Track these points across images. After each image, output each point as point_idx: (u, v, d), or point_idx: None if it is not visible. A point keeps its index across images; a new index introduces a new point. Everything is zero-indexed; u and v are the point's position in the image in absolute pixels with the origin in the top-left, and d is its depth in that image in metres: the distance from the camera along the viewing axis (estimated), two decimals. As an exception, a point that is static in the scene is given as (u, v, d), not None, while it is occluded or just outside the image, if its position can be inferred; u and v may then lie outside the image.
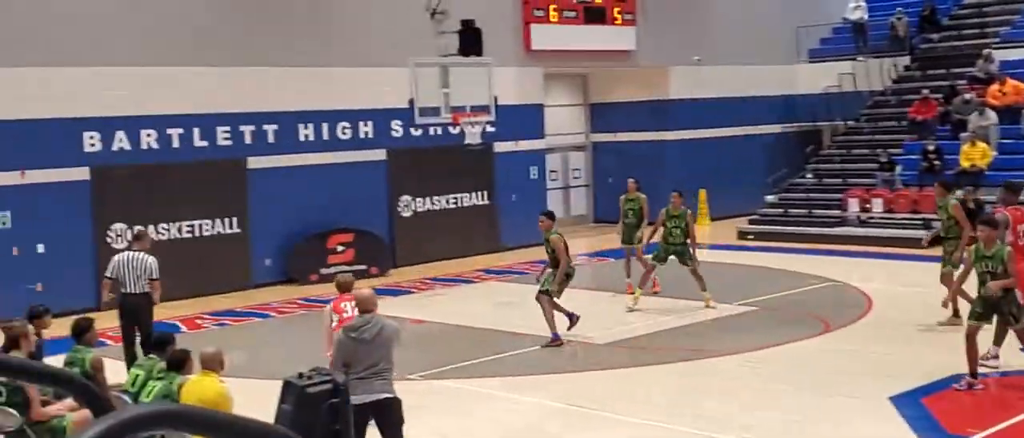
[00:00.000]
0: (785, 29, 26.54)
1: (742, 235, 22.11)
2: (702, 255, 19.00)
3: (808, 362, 11.63)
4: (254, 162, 18.25)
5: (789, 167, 24.28)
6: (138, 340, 11.34)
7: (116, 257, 11.91)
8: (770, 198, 23.27)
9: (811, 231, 21.13)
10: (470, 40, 15.31)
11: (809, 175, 23.45)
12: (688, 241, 14.64)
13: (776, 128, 26.03)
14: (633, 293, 14.95)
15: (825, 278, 16.58)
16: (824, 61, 26.40)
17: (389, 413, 7.74)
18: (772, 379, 10.88)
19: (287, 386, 6.35)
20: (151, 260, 11.55)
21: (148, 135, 17.12)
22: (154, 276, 11.48)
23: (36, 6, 15.91)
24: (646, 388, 10.75)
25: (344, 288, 9.88)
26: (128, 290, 11.51)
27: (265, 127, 18.43)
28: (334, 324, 9.37)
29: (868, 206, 21.14)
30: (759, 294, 15.51)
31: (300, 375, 6.40)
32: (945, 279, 12.56)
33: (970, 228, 11.79)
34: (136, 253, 11.64)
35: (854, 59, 25.45)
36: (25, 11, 15.82)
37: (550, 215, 13.35)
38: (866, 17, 25.86)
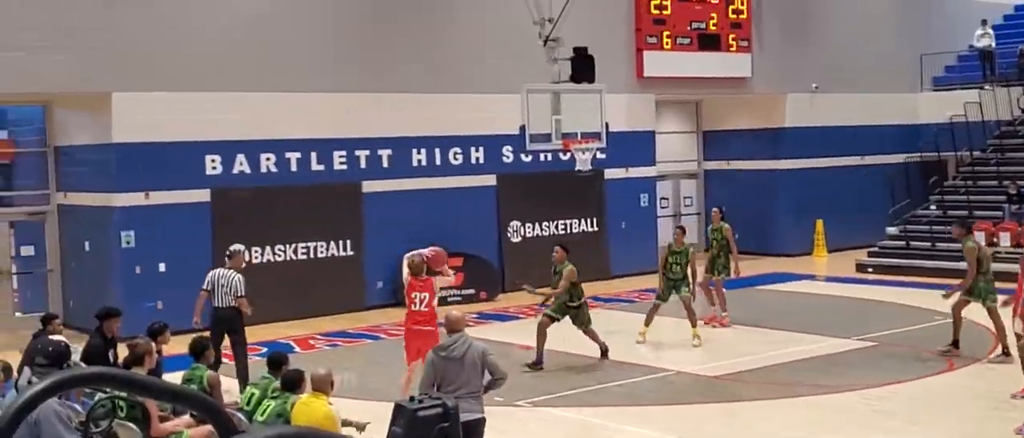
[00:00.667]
0: (908, 56, 25.79)
1: (861, 267, 21.45)
2: (820, 287, 18.51)
3: (931, 401, 11.17)
4: (368, 186, 18.55)
5: (911, 198, 23.49)
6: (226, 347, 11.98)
7: (211, 272, 12.46)
8: (891, 230, 22.54)
9: (934, 265, 20.36)
10: (582, 67, 15.27)
11: (933, 206, 22.65)
12: (687, 274, 14.65)
13: (898, 158, 25.25)
14: (705, 324, 14.93)
15: (949, 314, 15.94)
16: (949, 89, 25.53)
17: (477, 434, 7.77)
18: (891, 417, 10.49)
19: (399, 409, 6.42)
20: (237, 278, 12.10)
21: (267, 159, 17.57)
22: (240, 293, 12.04)
23: (162, 33, 16.52)
24: (757, 423, 10.47)
25: (416, 270, 10.93)
26: (217, 304, 12.13)
27: (380, 152, 18.73)
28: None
29: (995, 240, 20.28)
30: (878, 329, 15.01)
31: (412, 399, 6.47)
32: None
33: None
34: (227, 270, 12.22)
35: (980, 88, 24.54)
36: (151, 38, 16.43)
37: (565, 248, 13.91)
38: (994, 45, 24.96)
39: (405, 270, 11.48)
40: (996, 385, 11.71)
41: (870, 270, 21.05)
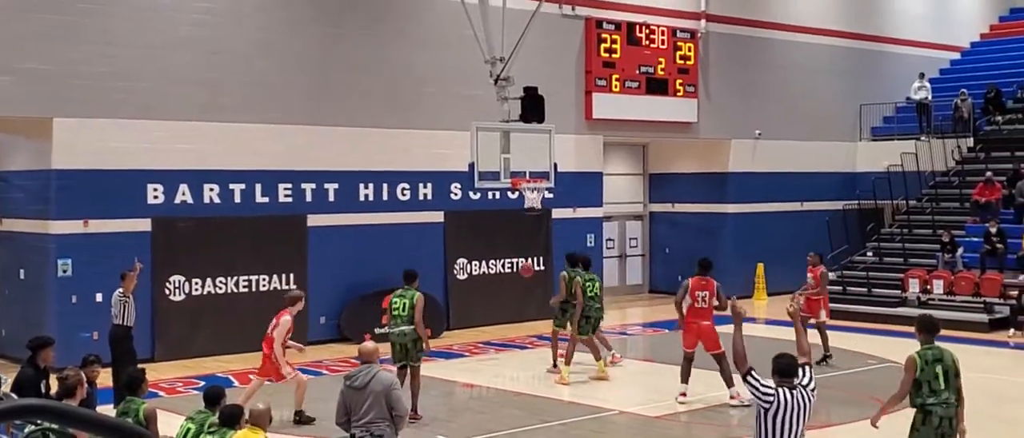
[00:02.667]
0: (848, 107, 26.39)
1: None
2: (759, 330, 18.76)
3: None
4: (314, 219, 18.45)
5: (849, 244, 23.95)
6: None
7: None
8: (830, 275, 22.89)
9: (870, 310, 20.75)
10: (532, 106, 15.42)
11: (869, 253, 23.10)
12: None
13: (837, 205, 25.75)
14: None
15: (884, 359, 16.23)
16: (887, 139, 26.15)
17: None
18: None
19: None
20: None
21: (210, 189, 17.42)
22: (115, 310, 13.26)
23: (104, 61, 16.35)
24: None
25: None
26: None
27: (326, 185, 18.66)
28: None
29: (929, 287, 20.74)
30: (817, 373, 15.17)
31: (353, 436, 6.43)
32: None
33: None
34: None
35: (917, 139, 25.18)
36: (93, 65, 16.26)
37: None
38: (930, 97, 25.64)
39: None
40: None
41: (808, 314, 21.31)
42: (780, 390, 7.00)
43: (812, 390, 7.18)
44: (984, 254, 20.54)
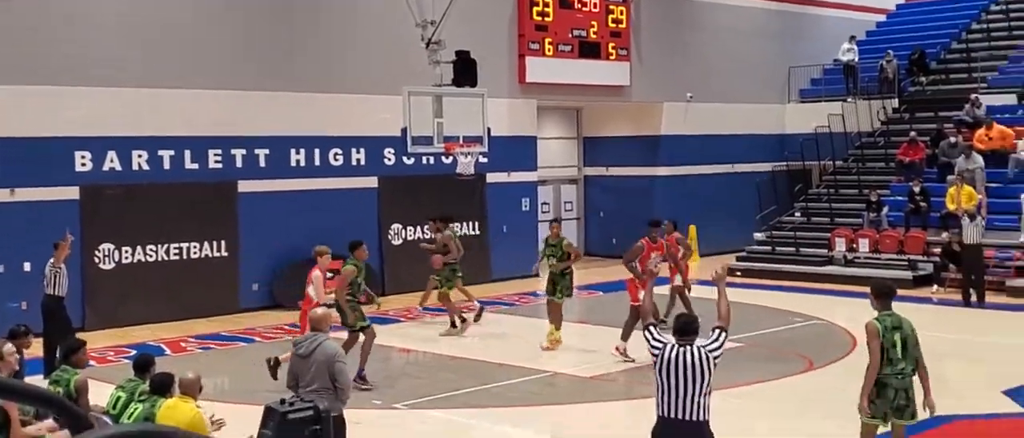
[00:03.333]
0: (777, 69, 26.76)
1: (730, 272, 22.10)
2: (693, 290, 19.04)
3: (790, 399, 11.65)
4: (244, 186, 18.27)
5: (778, 205, 24.40)
6: None
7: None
8: (758, 236, 23.37)
9: (798, 269, 21.21)
10: (464, 70, 15.40)
11: (797, 214, 23.56)
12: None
13: (766, 166, 26.18)
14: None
15: (811, 316, 16.64)
16: (815, 101, 26.62)
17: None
18: (753, 416, 10.90)
19: (268, 412, 6.39)
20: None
21: (139, 156, 17.14)
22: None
23: (31, 26, 15.96)
24: (632, 422, 10.74)
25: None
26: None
27: (256, 151, 18.47)
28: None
29: (855, 246, 21.24)
30: (745, 331, 15.49)
31: (282, 401, 6.44)
32: None
33: None
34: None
35: (844, 100, 25.66)
36: (20, 31, 15.87)
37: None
38: (857, 59, 26.10)
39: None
40: (851, 384, 12.28)
41: (738, 274, 21.73)
42: (672, 346, 7.12)
43: (713, 353, 7.21)
44: (908, 213, 21.07)
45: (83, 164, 16.60)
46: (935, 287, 19.32)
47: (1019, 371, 13.17)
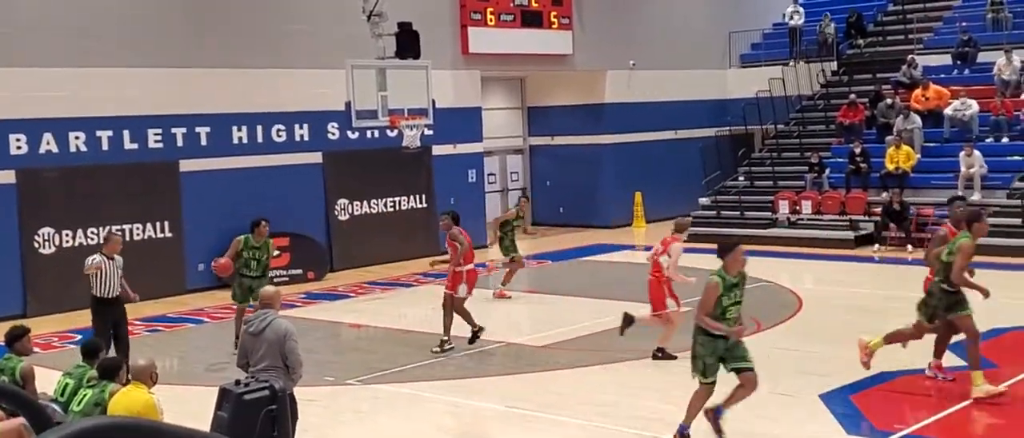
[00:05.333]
0: (717, 34, 26.93)
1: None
2: (640, 257, 19.22)
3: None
4: (186, 165, 18.01)
5: (722, 170, 24.65)
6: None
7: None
8: (703, 200, 23.60)
9: (743, 233, 21.40)
10: (407, 43, 15.28)
11: (741, 177, 23.83)
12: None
13: (710, 131, 26.41)
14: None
15: (757, 278, 16.79)
16: (755, 66, 26.87)
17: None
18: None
19: (224, 393, 6.34)
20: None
21: (76, 137, 16.80)
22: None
23: (-40, 6, 15.53)
24: (584, 389, 10.84)
25: (680, 228, 12.11)
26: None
27: (198, 129, 18.20)
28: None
29: (798, 208, 21.55)
30: (692, 295, 15.66)
31: (237, 382, 6.40)
32: None
33: None
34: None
35: (784, 64, 25.94)
36: (-52, 11, 15.43)
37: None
38: (803, 22, 26.34)
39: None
40: (800, 344, 12.52)
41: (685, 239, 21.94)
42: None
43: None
44: (849, 174, 21.41)
45: (18, 147, 16.22)
46: (876, 246, 19.69)
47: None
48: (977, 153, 20.02)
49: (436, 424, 9.86)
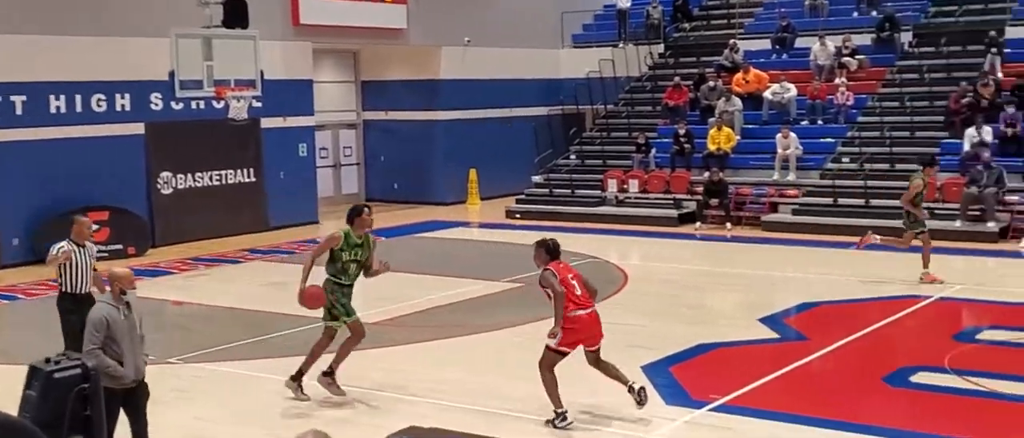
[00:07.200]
0: (551, 14, 27.30)
1: (510, 214, 22.66)
2: (474, 233, 19.38)
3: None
4: (0, 135, 17.03)
5: (554, 148, 25.08)
6: None
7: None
8: (536, 178, 23.96)
9: (574, 210, 21.93)
10: (235, 12, 14.85)
11: (573, 156, 24.31)
12: None
13: (542, 110, 26.80)
14: None
15: (586, 255, 17.26)
16: (587, 47, 27.40)
17: (141, 394, 7.46)
18: (537, 352, 11.24)
19: (33, 371, 6.03)
20: None
21: None
22: None
23: None
24: (419, 366, 10.86)
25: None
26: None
27: (12, 98, 17.22)
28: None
29: (625, 187, 22.16)
30: (525, 271, 15.91)
31: (47, 360, 6.10)
32: None
33: None
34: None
35: (614, 46, 26.56)
36: None
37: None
38: (630, 5, 26.99)
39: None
40: (624, 318, 12.93)
41: (518, 216, 22.29)
42: None
43: None
44: (674, 154, 22.15)
45: None
46: (698, 224, 20.47)
47: (773, 299, 14.24)
48: (793, 135, 21.06)
49: (263, 403, 9.68)
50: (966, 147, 19.20)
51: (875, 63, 23.01)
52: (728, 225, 19.93)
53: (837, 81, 22.33)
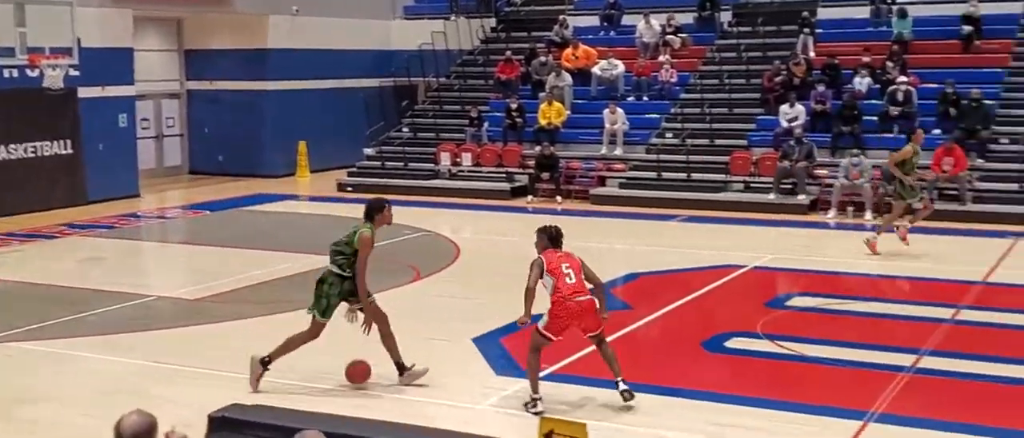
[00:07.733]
0: (382, -16, 27.08)
1: (341, 187, 22.44)
2: (303, 207, 19.10)
3: (399, 309, 12.10)
4: None
5: (386, 121, 24.94)
6: None
7: None
8: (368, 151, 23.78)
9: (407, 184, 21.90)
10: (47, -24, 14.15)
11: (405, 129, 24.24)
12: None
13: (374, 82, 26.57)
14: None
15: (418, 228, 17.31)
16: (419, 19, 27.30)
17: None
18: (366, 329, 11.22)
19: None
20: None
21: None
22: None
23: None
24: (236, 341, 10.66)
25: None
26: None
27: None
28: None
29: (458, 160, 22.28)
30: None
31: None
32: None
33: None
34: None
35: (446, 18, 26.56)
36: None
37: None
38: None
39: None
40: (456, 291, 13.07)
41: (349, 189, 22.09)
42: None
43: None
44: (506, 128, 22.41)
45: None
46: (529, 198, 20.81)
47: (601, 270, 14.56)
48: (620, 110, 21.63)
49: (81, 383, 9.33)
50: (782, 123, 20.20)
51: (697, 42, 23.85)
52: (559, 198, 20.34)
53: (661, 59, 23.05)
